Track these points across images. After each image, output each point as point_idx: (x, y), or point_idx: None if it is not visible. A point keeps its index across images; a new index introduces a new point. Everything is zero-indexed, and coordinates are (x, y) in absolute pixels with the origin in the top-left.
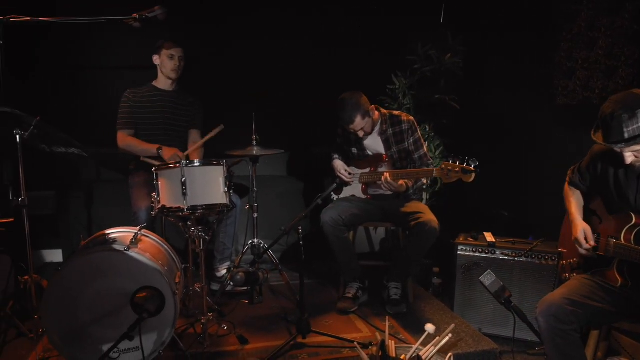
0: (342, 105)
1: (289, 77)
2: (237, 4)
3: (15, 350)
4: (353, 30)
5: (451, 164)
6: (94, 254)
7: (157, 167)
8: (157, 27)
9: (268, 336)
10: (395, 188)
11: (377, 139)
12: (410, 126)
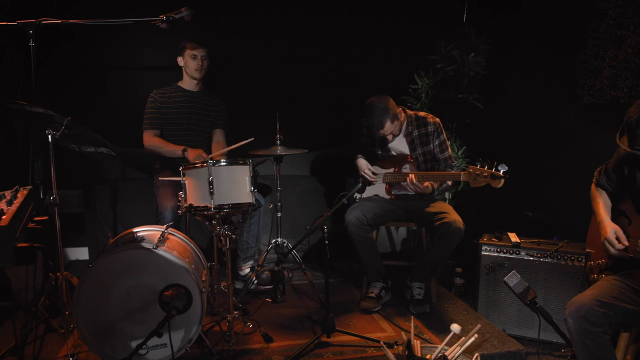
0: (371, 111)
1: (312, 77)
2: (262, 5)
3: (46, 345)
4: (376, 30)
5: (479, 168)
6: (123, 252)
7: (185, 167)
8: (183, 28)
9: (292, 334)
10: (421, 189)
11: (402, 140)
12: (436, 128)
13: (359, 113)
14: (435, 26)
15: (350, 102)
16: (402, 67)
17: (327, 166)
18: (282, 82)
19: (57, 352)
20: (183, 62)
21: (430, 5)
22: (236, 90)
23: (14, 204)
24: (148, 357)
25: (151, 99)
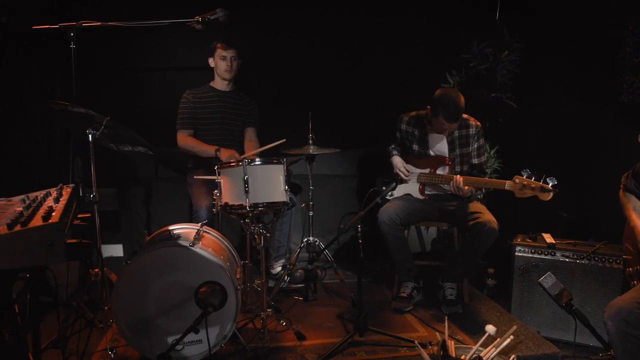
0: (447, 102)
1: (343, 76)
2: (293, 7)
3: (85, 339)
4: (406, 29)
5: (526, 179)
6: (161, 249)
7: (220, 165)
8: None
9: (324, 333)
10: (463, 193)
11: (443, 140)
12: (477, 131)
13: (389, 111)
14: (467, 24)
15: (380, 101)
16: (433, 66)
17: (356, 165)
18: (313, 82)
19: (96, 346)
20: (214, 62)
21: (462, 3)
22: (268, 90)
23: (60, 201)
24: (184, 353)
25: (184, 99)
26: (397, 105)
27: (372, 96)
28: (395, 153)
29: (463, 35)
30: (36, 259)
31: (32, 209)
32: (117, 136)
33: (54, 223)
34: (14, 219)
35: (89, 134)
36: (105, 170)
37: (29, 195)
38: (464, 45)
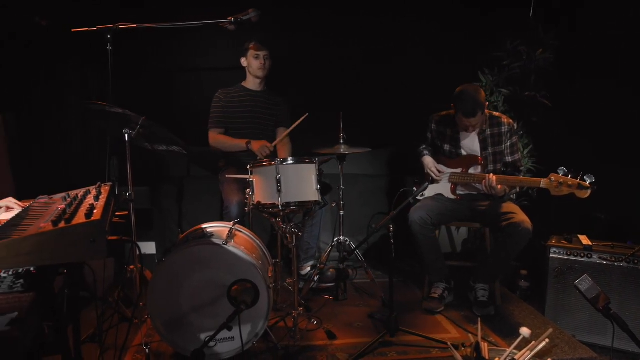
0: (465, 97)
1: (374, 75)
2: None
3: (121, 333)
4: (439, 27)
5: (562, 176)
6: (195, 247)
7: (253, 165)
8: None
9: (355, 333)
10: (496, 192)
11: (475, 138)
12: (510, 129)
13: (420, 111)
14: (501, 22)
15: (411, 101)
16: (464, 64)
17: (386, 164)
18: (344, 81)
19: (132, 341)
20: (246, 62)
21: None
22: (299, 90)
23: (100, 199)
24: (216, 350)
25: (216, 99)
26: (427, 104)
27: (403, 96)
28: (426, 153)
29: (495, 33)
30: (80, 255)
31: (74, 206)
32: (152, 136)
33: (96, 220)
34: (58, 216)
35: (125, 134)
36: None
37: (70, 193)
38: (496, 44)
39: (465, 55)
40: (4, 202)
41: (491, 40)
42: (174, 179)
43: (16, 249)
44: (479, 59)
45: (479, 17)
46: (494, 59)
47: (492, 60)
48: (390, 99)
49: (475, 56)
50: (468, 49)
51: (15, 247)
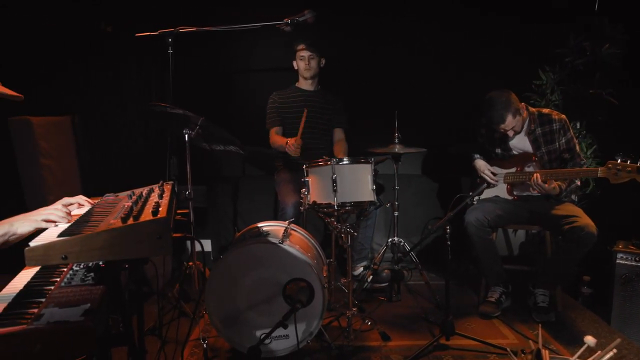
0: (491, 104)
1: (429, 75)
2: (379, 8)
3: (178, 328)
4: (493, 25)
5: (620, 162)
6: (252, 245)
7: (309, 165)
8: (301, 30)
9: (409, 335)
10: (547, 190)
11: (525, 139)
12: (562, 125)
13: (476, 111)
14: (563, 17)
15: (467, 100)
16: (524, 62)
17: (441, 165)
18: (400, 81)
19: (190, 335)
20: (296, 64)
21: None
22: (355, 89)
23: (164, 197)
24: (271, 347)
25: (271, 100)
26: None
27: (459, 95)
28: (477, 157)
29: (556, 29)
30: (147, 250)
31: (140, 204)
32: (210, 136)
33: (162, 218)
34: (126, 213)
35: (185, 134)
36: (195, 169)
37: (134, 191)
38: (558, 40)
39: (525, 53)
40: (75, 199)
41: (553, 36)
42: (229, 178)
43: (89, 243)
44: (539, 56)
45: (538, 13)
46: (556, 55)
47: (553, 57)
48: (446, 99)
49: (535, 53)
50: (527, 46)
51: (88, 242)
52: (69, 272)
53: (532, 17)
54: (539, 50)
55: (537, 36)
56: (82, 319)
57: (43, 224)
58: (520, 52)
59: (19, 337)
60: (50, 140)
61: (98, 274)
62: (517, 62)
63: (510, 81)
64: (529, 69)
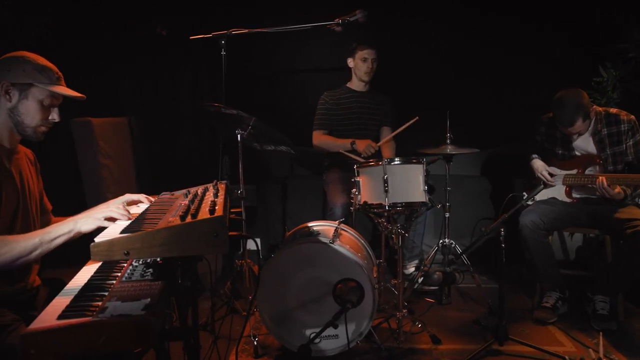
0: (562, 105)
1: (481, 74)
2: (431, 5)
3: (228, 325)
4: (549, 18)
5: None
6: (302, 245)
7: (359, 164)
8: (354, 29)
9: (460, 338)
10: (611, 195)
11: (589, 140)
12: (631, 127)
13: (531, 110)
14: (625, 9)
15: (520, 99)
16: (581, 58)
17: (493, 166)
18: (451, 80)
19: (238, 332)
20: (353, 63)
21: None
22: (405, 89)
23: (219, 196)
24: (321, 346)
25: (322, 101)
26: (539, 103)
27: (512, 94)
28: (534, 157)
29: (618, 22)
30: (204, 248)
31: (197, 202)
32: (262, 135)
33: (219, 216)
34: (184, 211)
35: (237, 134)
36: (246, 168)
37: (190, 190)
38: (620, 34)
39: (584, 48)
40: (137, 196)
41: (615, 30)
42: (278, 178)
43: (149, 240)
44: (600, 51)
45: (597, 7)
46: (618, 51)
47: (615, 53)
48: (498, 98)
49: (596, 49)
50: (587, 41)
51: (148, 238)
52: (129, 268)
53: (589, 9)
54: (598, 46)
55: (598, 31)
56: (142, 313)
57: (105, 222)
58: (579, 49)
59: (85, 329)
60: (109, 140)
61: (156, 270)
62: (575, 59)
63: (567, 79)
64: (589, 66)
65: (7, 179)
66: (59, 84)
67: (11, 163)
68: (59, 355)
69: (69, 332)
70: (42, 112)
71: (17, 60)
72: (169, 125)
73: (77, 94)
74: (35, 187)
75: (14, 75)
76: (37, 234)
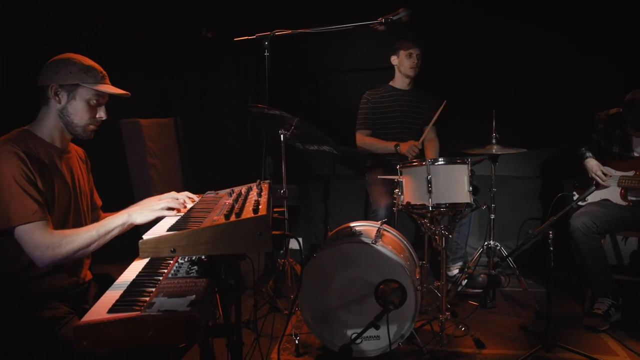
0: (635, 107)
1: (529, 72)
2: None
3: (270, 323)
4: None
5: None
6: (345, 245)
7: (402, 165)
8: (398, 29)
9: (505, 343)
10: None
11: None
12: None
13: (580, 108)
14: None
15: (570, 97)
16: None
17: (540, 166)
18: (497, 78)
19: (281, 331)
20: (397, 60)
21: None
22: (450, 89)
23: (263, 196)
24: (362, 347)
25: (364, 100)
26: (592, 101)
27: (560, 92)
28: (589, 155)
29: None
30: (247, 247)
31: (241, 202)
32: (305, 136)
33: (263, 215)
34: (228, 210)
35: (280, 134)
36: (288, 168)
37: (234, 189)
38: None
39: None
40: (181, 194)
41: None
42: (320, 177)
43: (195, 238)
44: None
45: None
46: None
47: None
48: (546, 96)
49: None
50: None
51: (194, 236)
52: (175, 265)
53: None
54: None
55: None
56: (188, 309)
57: (164, 212)
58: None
59: (134, 323)
60: (157, 140)
61: (201, 268)
62: (630, 57)
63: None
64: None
65: (59, 178)
66: (104, 82)
67: (62, 162)
68: (109, 347)
69: (118, 326)
70: (90, 111)
71: (64, 62)
72: (213, 126)
73: (122, 92)
74: (85, 184)
75: (61, 77)
76: (93, 227)
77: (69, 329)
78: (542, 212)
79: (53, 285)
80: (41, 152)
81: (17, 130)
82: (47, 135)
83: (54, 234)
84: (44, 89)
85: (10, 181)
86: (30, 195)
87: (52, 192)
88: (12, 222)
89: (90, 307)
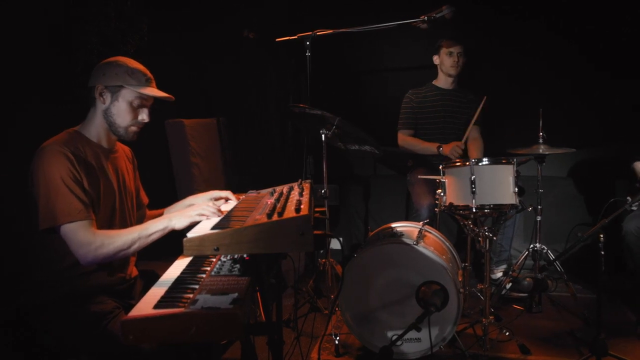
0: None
1: (577, 69)
2: None
3: (310, 322)
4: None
5: None
6: (386, 245)
7: (445, 165)
8: (439, 28)
9: (552, 350)
10: None
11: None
12: None
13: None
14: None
15: (622, 95)
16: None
17: (589, 167)
18: (544, 76)
19: (321, 330)
20: (439, 60)
21: None
22: (495, 87)
23: (304, 195)
24: (402, 349)
25: (407, 99)
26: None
27: (611, 89)
28: (638, 158)
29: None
30: (289, 246)
31: (283, 201)
32: (346, 135)
33: (305, 215)
34: (270, 209)
35: (322, 134)
36: (328, 168)
37: (275, 188)
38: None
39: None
40: (223, 193)
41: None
42: (361, 177)
43: (238, 237)
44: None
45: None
46: None
47: None
48: (597, 94)
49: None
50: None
51: (237, 235)
52: (218, 263)
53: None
54: None
55: None
56: (231, 307)
57: (197, 217)
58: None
59: (178, 319)
60: (199, 140)
61: (243, 266)
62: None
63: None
64: None
65: (105, 178)
66: (148, 85)
67: (109, 162)
68: (154, 342)
69: (163, 321)
70: (132, 112)
71: (111, 64)
72: (255, 126)
73: (166, 95)
74: (131, 183)
75: (107, 79)
76: (136, 230)
77: (116, 323)
78: (591, 215)
79: (100, 281)
80: (88, 152)
81: (67, 131)
82: (95, 136)
83: (97, 233)
84: (91, 90)
85: (58, 181)
86: (76, 195)
87: (97, 192)
88: (58, 221)
89: (136, 302)
